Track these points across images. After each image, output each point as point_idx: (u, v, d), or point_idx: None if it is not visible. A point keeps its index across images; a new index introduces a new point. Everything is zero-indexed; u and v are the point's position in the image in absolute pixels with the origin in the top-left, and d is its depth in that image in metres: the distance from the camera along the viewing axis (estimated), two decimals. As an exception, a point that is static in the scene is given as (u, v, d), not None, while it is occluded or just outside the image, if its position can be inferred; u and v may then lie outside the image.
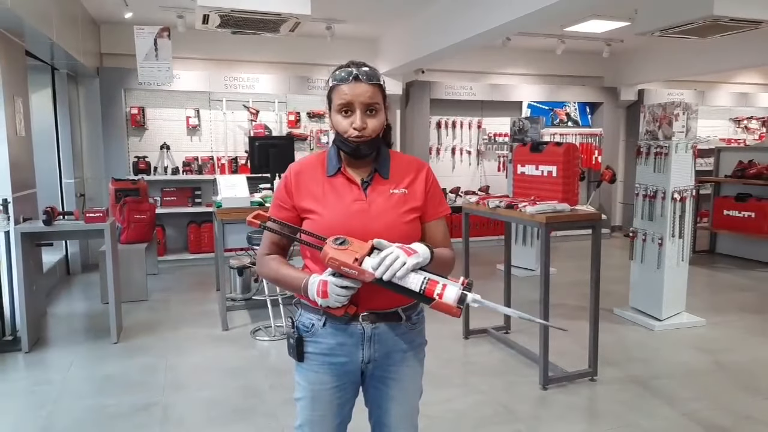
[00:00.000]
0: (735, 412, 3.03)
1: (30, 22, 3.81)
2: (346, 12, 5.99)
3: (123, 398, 3.19)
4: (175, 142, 6.87)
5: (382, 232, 1.45)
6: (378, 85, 1.50)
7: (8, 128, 4.00)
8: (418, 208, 1.56)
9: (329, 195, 1.52)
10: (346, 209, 1.50)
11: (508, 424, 2.92)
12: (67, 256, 6.16)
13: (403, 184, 1.55)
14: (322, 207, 1.52)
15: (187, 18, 5.49)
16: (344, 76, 1.47)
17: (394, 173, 1.56)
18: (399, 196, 1.53)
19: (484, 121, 8.23)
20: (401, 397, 1.60)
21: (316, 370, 1.55)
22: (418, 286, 1.34)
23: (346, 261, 1.35)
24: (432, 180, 1.61)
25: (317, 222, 1.50)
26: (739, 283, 5.86)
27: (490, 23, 4.67)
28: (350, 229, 1.44)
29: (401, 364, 1.58)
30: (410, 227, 1.53)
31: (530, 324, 4.26)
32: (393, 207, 1.51)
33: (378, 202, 1.51)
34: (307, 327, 1.55)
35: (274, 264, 1.56)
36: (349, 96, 1.45)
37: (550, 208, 3.37)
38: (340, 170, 1.54)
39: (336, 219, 1.49)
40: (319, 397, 1.56)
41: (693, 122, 4.33)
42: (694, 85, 9.13)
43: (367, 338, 1.52)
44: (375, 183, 1.54)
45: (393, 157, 1.60)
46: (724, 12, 4.33)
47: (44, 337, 4.16)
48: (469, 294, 1.33)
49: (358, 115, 1.46)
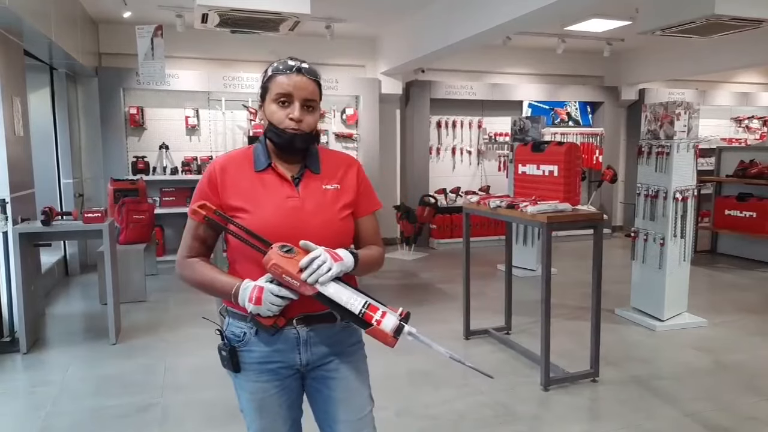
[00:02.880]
0: (737, 413, 3.01)
1: (29, 22, 3.79)
2: (345, 11, 5.97)
3: (122, 399, 3.17)
4: (174, 142, 6.85)
5: (317, 229, 1.42)
6: (318, 83, 1.48)
7: (6, 128, 3.98)
8: (351, 203, 1.53)
9: (259, 192, 1.45)
10: (278, 207, 1.44)
11: (509, 425, 2.90)
12: (66, 256, 6.14)
13: (336, 179, 1.52)
14: (252, 205, 1.44)
15: (186, 17, 5.47)
16: (286, 67, 1.45)
17: (325, 169, 1.52)
18: (332, 192, 1.50)
19: (484, 121, 8.22)
20: (347, 400, 1.52)
21: (255, 379, 1.49)
22: (357, 308, 1.30)
23: (290, 270, 1.30)
24: (363, 175, 1.58)
25: (248, 221, 1.42)
26: (740, 283, 5.84)
27: (490, 22, 4.66)
28: (284, 227, 1.40)
29: (340, 363, 1.52)
30: (345, 224, 1.51)
31: (531, 324, 4.24)
32: (328, 203, 1.48)
33: (311, 198, 1.47)
34: (238, 336, 1.48)
35: (200, 267, 1.47)
36: (290, 87, 1.42)
37: (552, 207, 3.35)
38: (270, 166, 1.48)
39: (269, 217, 1.42)
40: (265, 405, 1.51)
41: (694, 122, 4.31)
42: (695, 85, 9.12)
43: (303, 342, 1.47)
44: (306, 179, 1.49)
45: (322, 153, 1.56)
46: (725, 11, 4.31)
47: (43, 338, 4.14)
48: (405, 326, 1.31)
49: (297, 106, 1.42)
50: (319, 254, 1.31)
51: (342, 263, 1.34)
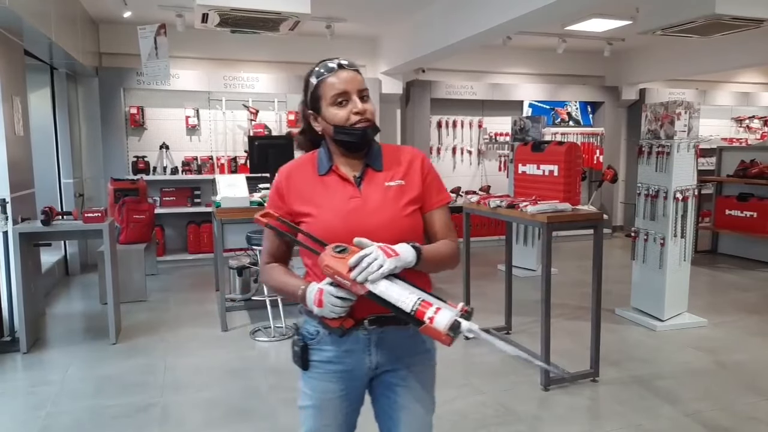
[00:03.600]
0: (737, 413, 3.00)
1: (29, 22, 3.79)
2: (346, 11, 5.97)
3: (122, 399, 3.17)
4: (174, 141, 6.85)
5: (381, 228, 1.39)
6: (360, 73, 1.47)
7: (6, 128, 3.98)
8: (417, 198, 1.48)
9: (322, 195, 1.46)
10: (341, 208, 1.43)
11: (510, 424, 2.90)
12: (66, 256, 6.14)
13: (399, 175, 1.48)
14: (316, 208, 1.45)
15: (186, 17, 5.47)
16: (329, 68, 1.43)
17: (387, 165, 1.49)
18: (396, 188, 1.46)
19: (484, 121, 8.21)
20: (412, 407, 1.50)
21: (321, 378, 1.49)
22: (409, 306, 1.23)
23: (341, 270, 1.26)
24: (428, 167, 1.53)
25: (313, 225, 1.43)
26: (741, 284, 5.83)
27: (490, 22, 4.66)
28: (348, 228, 1.39)
29: (410, 369, 1.50)
30: (411, 221, 1.46)
31: (531, 324, 4.24)
32: (391, 200, 1.44)
33: (374, 197, 1.44)
34: (312, 334, 1.48)
35: (275, 272, 1.51)
36: (343, 84, 1.41)
37: (552, 207, 3.35)
38: (331, 168, 1.48)
39: (332, 219, 1.42)
40: (325, 406, 1.50)
41: (695, 121, 4.31)
42: (696, 85, 9.11)
43: (374, 343, 1.46)
44: (368, 177, 1.47)
45: (384, 149, 1.53)
46: (725, 11, 4.31)
47: (43, 338, 4.14)
48: (464, 322, 1.21)
49: (356, 99, 1.41)
50: (369, 252, 1.27)
51: (398, 259, 1.27)
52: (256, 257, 4.67)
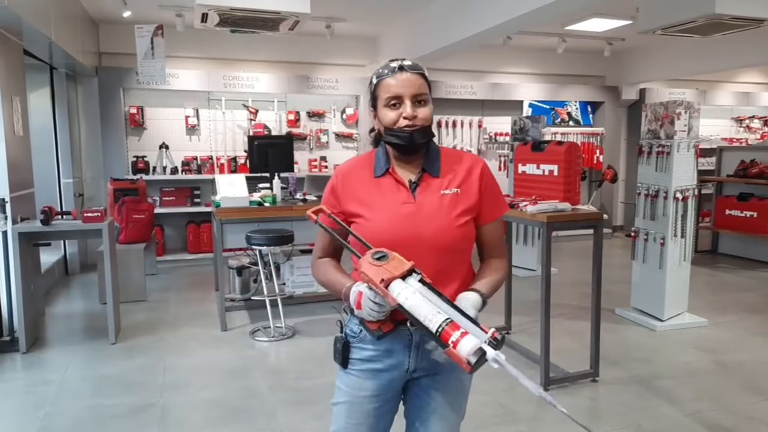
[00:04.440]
0: (737, 413, 3.00)
1: (28, 21, 3.78)
2: (345, 10, 5.97)
3: (121, 399, 3.16)
4: (174, 141, 6.85)
5: (432, 237, 1.38)
6: (423, 75, 1.43)
7: (6, 128, 3.98)
8: (472, 208, 1.45)
9: (376, 197, 1.45)
10: (394, 213, 1.41)
11: (509, 425, 2.90)
12: (66, 256, 6.14)
13: (455, 183, 1.45)
14: (368, 211, 1.44)
15: (186, 17, 5.47)
16: (389, 69, 1.42)
17: (445, 171, 1.46)
18: (451, 197, 1.43)
19: (484, 121, 8.21)
20: (443, 412, 1.49)
21: (358, 375, 1.48)
22: (434, 326, 1.17)
23: (374, 279, 1.24)
24: (488, 176, 1.49)
25: (364, 227, 1.42)
26: (741, 283, 5.83)
27: (490, 22, 4.65)
28: (398, 233, 1.38)
29: (448, 374, 1.48)
30: (463, 231, 1.43)
31: (531, 324, 4.23)
32: (445, 209, 1.41)
33: (428, 204, 1.42)
34: (355, 333, 1.47)
35: (324, 267, 1.52)
36: (397, 87, 1.40)
37: (552, 207, 3.34)
38: (388, 171, 1.46)
39: (383, 223, 1.41)
40: (358, 403, 1.49)
41: (695, 121, 4.31)
42: (696, 85, 9.11)
43: (415, 345, 1.44)
44: (424, 183, 1.44)
45: (444, 154, 1.50)
46: (725, 10, 4.30)
47: (42, 338, 4.14)
48: (489, 351, 1.12)
49: (408, 104, 1.40)
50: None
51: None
52: (256, 257, 4.67)
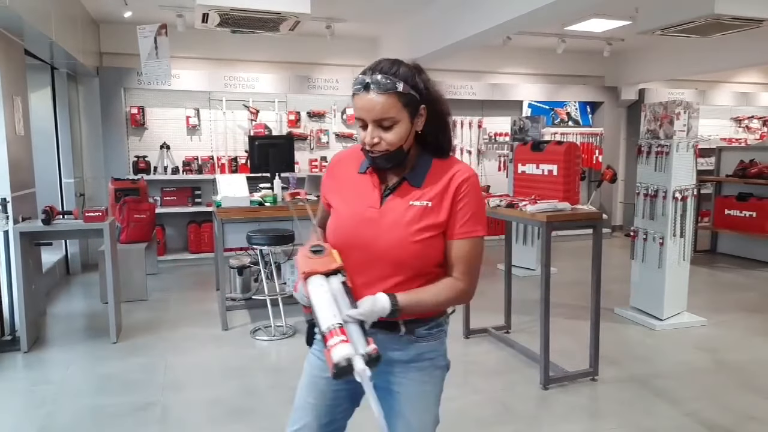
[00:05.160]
0: (737, 412, 3.01)
1: (29, 21, 3.80)
2: (345, 11, 5.98)
3: (122, 398, 3.17)
4: (174, 141, 6.86)
5: (388, 247, 1.36)
6: (395, 94, 1.33)
7: (7, 127, 3.99)
8: (440, 224, 1.38)
9: (350, 194, 1.45)
10: (357, 214, 1.41)
11: (509, 423, 2.91)
12: (67, 255, 6.15)
13: (429, 196, 1.39)
14: (339, 204, 1.46)
15: (186, 17, 5.48)
16: (357, 85, 1.36)
17: (428, 181, 1.41)
18: (418, 210, 1.37)
19: (484, 121, 8.22)
20: (408, 417, 1.46)
21: (317, 356, 1.51)
22: (324, 326, 1.22)
23: (299, 269, 1.29)
24: (464, 193, 1.39)
25: (332, 219, 1.46)
26: (740, 283, 5.84)
27: (490, 22, 4.66)
28: (354, 236, 1.37)
29: (403, 376, 1.46)
30: (422, 246, 1.37)
31: (531, 324, 4.24)
32: (406, 221, 1.37)
33: (391, 213, 1.39)
34: None
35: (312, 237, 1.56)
36: (359, 110, 1.35)
37: (551, 207, 3.35)
38: (369, 169, 1.45)
39: (344, 221, 1.43)
40: (315, 383, 1.51)
41: (694, 121, 4.32)
42: (695, 85, 9.12)
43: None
44: (400, 191, 1.41)
45: (436, 165, 1.43)
46: (725, 11, 4.31)
47: (43, 337, 4.15)
48: (358, 365, 1.17)
49: (369, 129, 1.35)
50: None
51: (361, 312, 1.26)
52: (256, 257, 4.68)
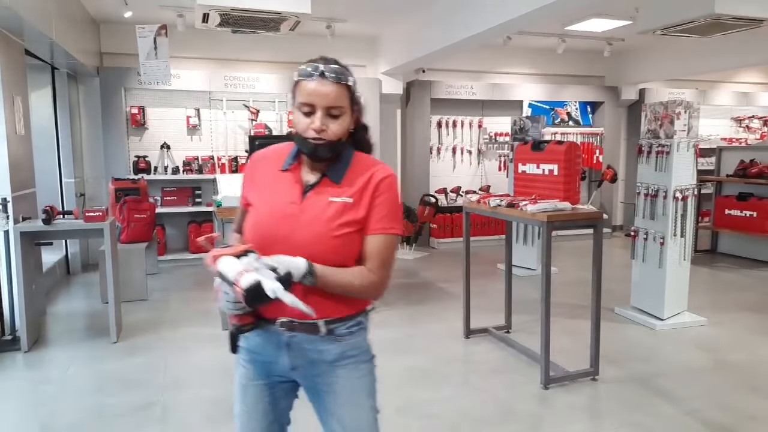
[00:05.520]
0: (737, 412, 3.01)
1: (30, 21, 3.80)
2: (346, 11, 5.98)
3: (122, 397, 3.17)
4: (175, 141, 6.86)
5: (307, 242, 1.36)
6: (345, 85, 1.38)
7: (7, 127, 4.00)
8: (359, 220, 1.40)
9: (270, 191, 1.45)
10: (277, 210, 1.41)
11: (509, 423, 2.91)
12: (67, 255, 6.15)
13: (349, 192, 1.40)
14: (259, 201, 1.46)
15: (187, 17, 5.48)
16: (309, 71, 1.37)
17: (349, 179, 1.42)
18: (338, 206, 1.39)
19: (484, 121, 8.22)
20: (341, 415, 1.47)
21: (244, 365, 1.52)
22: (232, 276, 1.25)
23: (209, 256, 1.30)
24: (383, 189, 1.42)
25: (250, 216, 1.45)
26: (740, 283, 5.84)
27: (490, 22, 4.66)
28: (274, 231, 1.37)
29: (329, 376, 1.46)
30: (342, 241, 1.38)
31: (531, 323, 4.24)
32: (327, 217, 1.38)
33: (312, 208, 1.39)
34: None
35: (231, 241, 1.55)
36: (311, 95, 1.35)
37: (552, 206, 3.35)
38: (292, 166, 1.45)
39: (264, 218, 1.42)
40: (248, 391, 1.52)
41: (694, 121, 4.32)
42: (696, 85, 9.12)
43: (285, 344, 1.44)
44: (320, 187, 1.42)
45: (356, 162, 1.45)
46: (725, 10, 4.32)
47: (44, 337, 4.15)
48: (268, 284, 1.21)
49: (318, 115, 1.36)
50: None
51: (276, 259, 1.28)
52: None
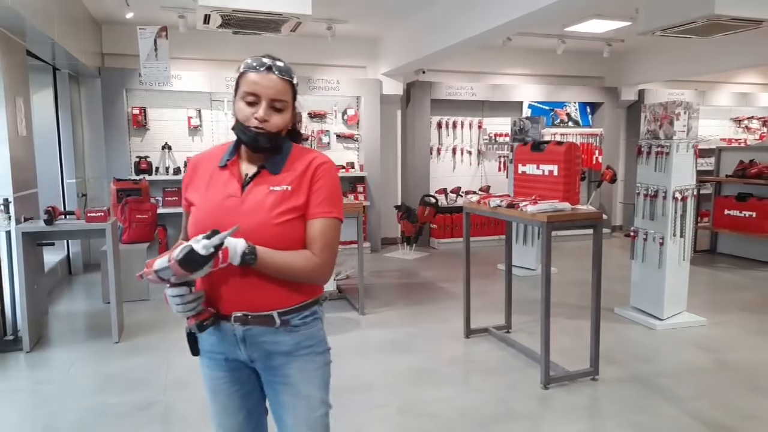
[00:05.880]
0: (737, 411, 3.02)
1: (31, 22, 3.81)
2: (347, 12, 5.99)
3: (124, 397, 3.19)
4: (176, 142, 6.88)
5: (250, 231, 1.38)
6: (290, 82, 1.44)
7: (9, 128, 4.01)
8: (300, 207, 1.44)
9: (210, 188, 1.47)
10: (216, 205, 1.44)
11: (510, 423, 2.92)
12: (69, 255, 6.17)
13: (288, 180, 1.45)
14: (199, 200, 1.48)
15: (188, 18, 5.49)
16: (256, 64, 1.41)
17: (288, 169, 1.46)
18: (278, 194, 1.42)
19: (484, 122, 8.24)
20: (293, 406, 1.49)
21: (208, 365, 1.55)
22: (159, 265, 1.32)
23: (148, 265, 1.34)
24: (321, 175, 1.47)
25: (192, 215, 1.48)
26: (740, 283, 5.85)
27: (490, 23, 4.68)
28: (219, 225, 1.37)
29: (286, 367, 1.48)
30: (284, 228, 1.41)
31: (531, 323, 4.25)
32: (267, 206, 1.41)
33: (252, 199, 1.43)
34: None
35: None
36: (257, 86, 1.39)
37: (551, 207, 3.36)
38: (230, 162, 1.48)
39: (205, 214, 1.45)
40: (217, 391, 1.55)
41: (694, 122, 4.33)
42: (695, 85, 9.13)
43: (240, 339, 1.46)
44: (259, 178, 1.45)
45: (294, 152, 1.50)
46: (725, 11, 4.32)
47: (45, 337, 4.17)
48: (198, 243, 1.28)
49: (263, 105, 1.40)
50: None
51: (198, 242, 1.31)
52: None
